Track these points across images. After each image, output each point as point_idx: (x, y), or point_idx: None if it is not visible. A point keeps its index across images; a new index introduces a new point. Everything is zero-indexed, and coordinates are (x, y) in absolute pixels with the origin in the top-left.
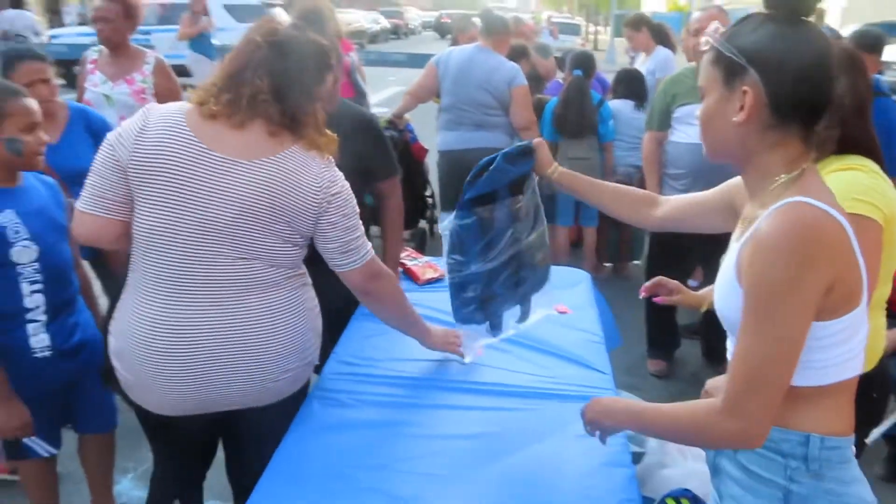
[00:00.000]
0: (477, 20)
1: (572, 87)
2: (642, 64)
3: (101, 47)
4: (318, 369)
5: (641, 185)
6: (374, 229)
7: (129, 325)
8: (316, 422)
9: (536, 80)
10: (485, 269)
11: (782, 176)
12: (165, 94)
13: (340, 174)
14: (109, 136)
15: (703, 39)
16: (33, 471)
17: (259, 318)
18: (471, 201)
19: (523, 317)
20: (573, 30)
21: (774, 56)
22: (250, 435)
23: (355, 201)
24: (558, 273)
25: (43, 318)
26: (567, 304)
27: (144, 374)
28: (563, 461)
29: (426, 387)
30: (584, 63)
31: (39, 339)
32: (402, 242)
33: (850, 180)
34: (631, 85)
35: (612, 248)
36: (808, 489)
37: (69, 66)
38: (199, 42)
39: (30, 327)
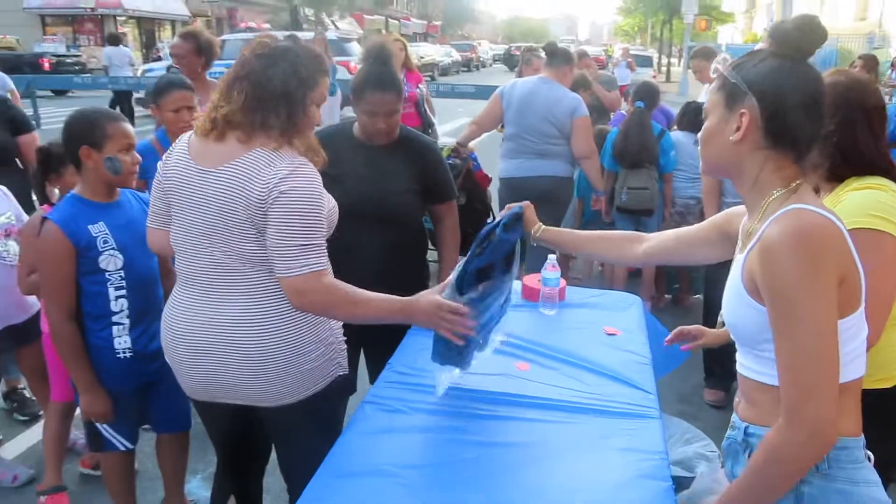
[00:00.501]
0: (542, 52)
1: (633, 119)
2: (705, 94)
3: None
4: (371, 379)
5: (701, 217)
6: (432, 253)
7: (164, 315)
8: (367, 424)
9: (599, 112)
10: (477, 325)
11: (779, 189)
12: None
13: (309, 177)
14: (160, 163)
15: (712, 68)
16: (112, 464)
17: (248, 322)
18: (473, 273)
19: (483, 346)
20: (646, 62)
21: (772, 86)
22: (271, 433)
23: (312, 211)
24: (611, 297)
25: (126, 322)
26: (617, 326)
27: (172, 358)
28: (601, 472)
29: (472, 398)
30: (646, 95)
31: (122, 341)
32: (456, 264)
33: (867, 197)
34: (694, 117)
35: (671, 279)
36: (819, 490)
37: None
38: None
39: (114, 329)
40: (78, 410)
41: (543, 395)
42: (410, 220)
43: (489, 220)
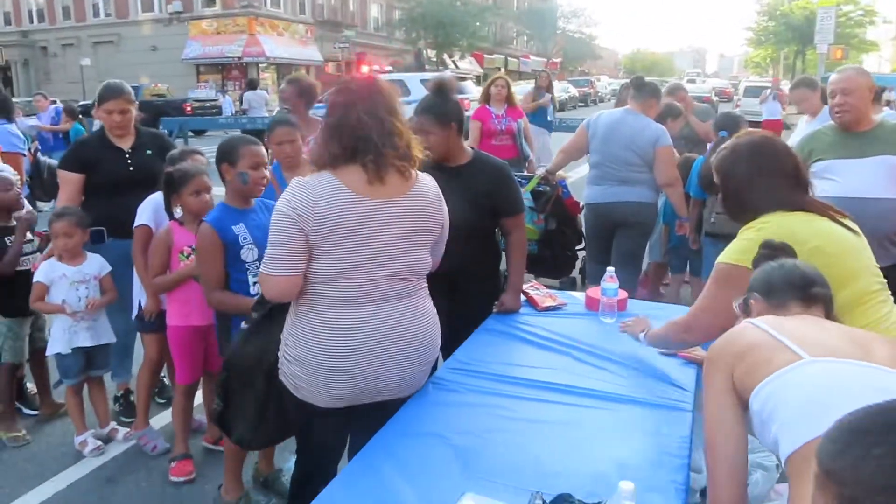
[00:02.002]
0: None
1: (717, 146)
2: (806, 125)
3: None
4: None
5: None
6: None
7: (309, 338)
8: (428, 399)
9: (694, 142)
10: None
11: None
12: None
13: None
14: (287, 213)
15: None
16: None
17: (407, 320)
18: None
19: None
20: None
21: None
22: (376, 424)
23: None
24: (671, 310)
25: None
26: None
27: (322, 372)
28: (626, 447)
29: (522, 384)
30: (729, 124)
31: None
32: (524, 273)
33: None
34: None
35: None
36: None
37: None
38: (537, 116)
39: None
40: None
41: (586, 385)
42: (481, 232)
43: (579, 246)
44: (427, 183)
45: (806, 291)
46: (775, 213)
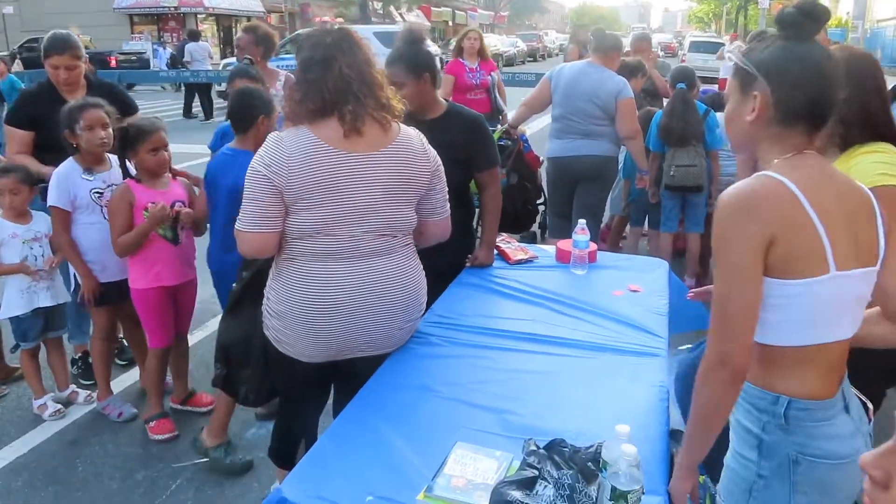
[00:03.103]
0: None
1: (676, 99)
2: None
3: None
4: None
5: None
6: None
7: (289, 293)
8: (410, 352)
9: (653, 96)
10: None
11: (776, 159)
12: None
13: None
14: (260, 170)
15: (725, 55)
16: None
17: (389, 277)
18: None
19: None
20: (718, 49)
21: (779, 68)
22: (360, 380)
23: None
24: (639, 261)
25: None
26: (640, 285)
27: (302, 329)
28: (607, 392)
29: (502, 336)
30: (685, 77)
31: None
32: (497, 228)
33: (874, 160)
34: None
35: None
36: (778, 439)
37: None
38: None
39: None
40: None
41: (565, 335)
42: (455, 186)
43: (539, 202)
44: (411, 136)
45: (821, 122)
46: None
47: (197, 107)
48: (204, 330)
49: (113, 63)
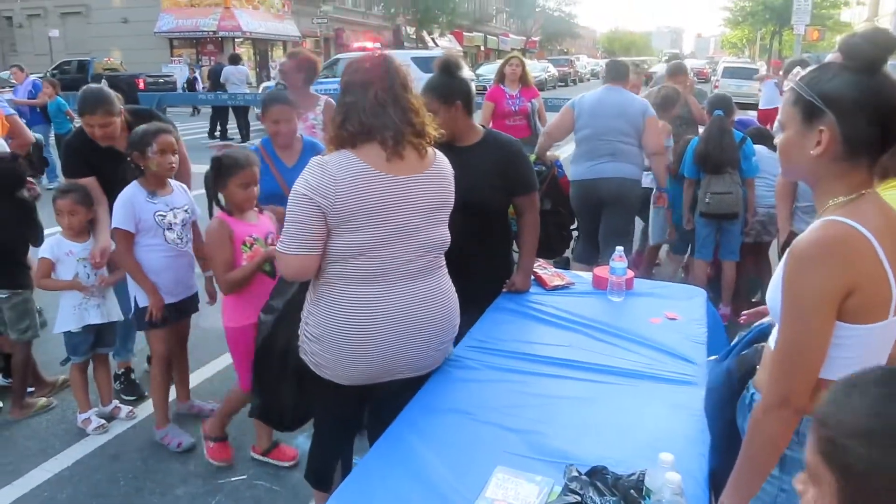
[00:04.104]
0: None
1: (713, 126)
2: None
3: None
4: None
5: None
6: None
7: (327, 316)
8: (449, 376)
9: (688, 123)
10: None
11: (840, 198)
12: None
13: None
14: (306, 193)
15: (785, 83)
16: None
17: (426, 298)
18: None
19: None
20: (752, 74)
21: (851, 103)
22: (396, 402)
23: None
24: (676, 288)
25: None
26: (678, 313)
27: (341, 352)
28: (642, 418)
29: (539, 361)
30: (723, 104)
31: None
32: (535, 254)
33: None
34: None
35: (755, 287)
36: (799, 455)
37: None
38: None
39: None
40: None
41: (602, 362)
42: (493, 212)
43: (573, 226)
44: (442, 160)
45: (881, 155)
46: None
47: (234, 129)
48: None
49: (141, 85)
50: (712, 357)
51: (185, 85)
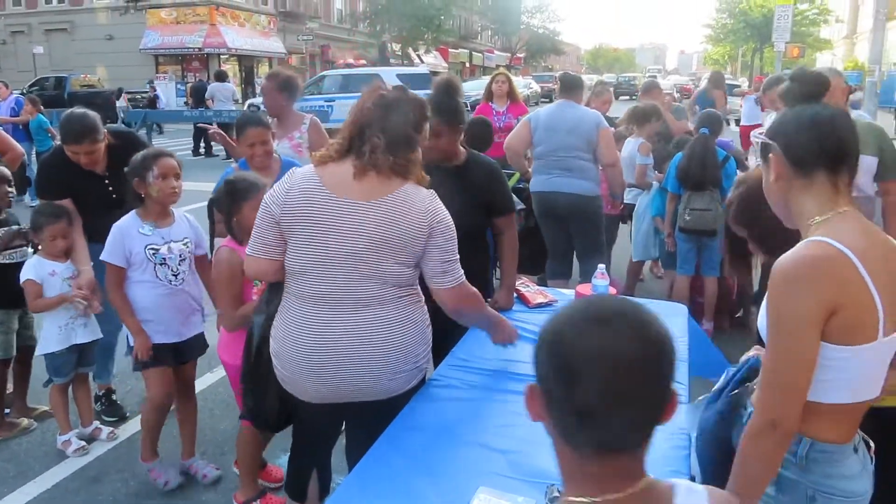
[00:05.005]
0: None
1: (697, 143)
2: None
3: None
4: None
5: None
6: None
7: (284, 331)
8: (431, 394)
9: (666, 139)
10: None
11: (816, 218)
12: (317, 146)
13: (442, 205)
14: (265, 198)
15: (752, 139)
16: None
17: (375, 329)
18: None
19: None
20: (733, 90)
21: (789, 129)
22: (367, 423)
23: (455, 232)
24: (658, 305)
25: None
26: None
27: (295, 369)
28: None
29: (522, 380)
30: (711, 122)
31: None
32: (516, 272)
33: None
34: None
35: (742, 302)
36: (796, 476)
37: None
38: None
39: None
40: None
41: None
42: (473, 232)
43: None
44: (411, 195)
45: (839, 164)
46: None
47: (218, 146)
48: None
49: (123, 102)
50: (701, 398)
51: (146, 102)
